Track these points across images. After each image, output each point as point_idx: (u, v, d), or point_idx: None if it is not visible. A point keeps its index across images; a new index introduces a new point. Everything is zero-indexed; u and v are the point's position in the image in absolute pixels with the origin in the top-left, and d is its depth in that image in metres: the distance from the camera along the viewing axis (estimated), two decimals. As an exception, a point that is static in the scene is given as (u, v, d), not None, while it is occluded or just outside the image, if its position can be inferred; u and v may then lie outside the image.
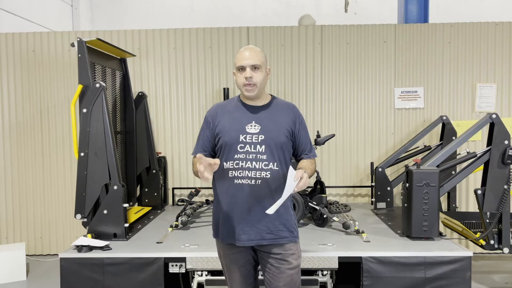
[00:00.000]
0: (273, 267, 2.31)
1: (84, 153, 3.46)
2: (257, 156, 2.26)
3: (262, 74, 2.31)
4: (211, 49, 5.04)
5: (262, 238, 2.29)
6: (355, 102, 5.03)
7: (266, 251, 2.32)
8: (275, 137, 2.29)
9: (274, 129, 2.31)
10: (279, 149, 2.30)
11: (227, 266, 2.44)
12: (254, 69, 2.28)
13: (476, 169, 3.56)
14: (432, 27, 4.97)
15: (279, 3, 7.28)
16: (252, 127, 2.31)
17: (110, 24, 7.17)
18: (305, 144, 2.42)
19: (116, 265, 3.11)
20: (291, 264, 2.30)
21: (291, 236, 2.33)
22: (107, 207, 3.44)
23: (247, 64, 2.27)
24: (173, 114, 5.08)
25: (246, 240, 2.29)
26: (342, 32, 4.99)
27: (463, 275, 3.04)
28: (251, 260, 2.41)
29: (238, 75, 2.31)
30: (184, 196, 5.05)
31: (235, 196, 2.29)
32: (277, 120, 2.34)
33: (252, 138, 2.28)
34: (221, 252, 2.45)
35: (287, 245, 2.32)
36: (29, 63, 5.00)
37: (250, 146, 2.27)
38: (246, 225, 2.28)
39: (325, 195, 3.95)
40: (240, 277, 2.40)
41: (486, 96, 4.94)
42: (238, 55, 2.32)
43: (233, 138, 2.29)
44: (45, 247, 5.07)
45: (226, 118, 2.37)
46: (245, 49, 2.33)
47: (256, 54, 2.30)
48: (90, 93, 3.47)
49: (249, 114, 2.35)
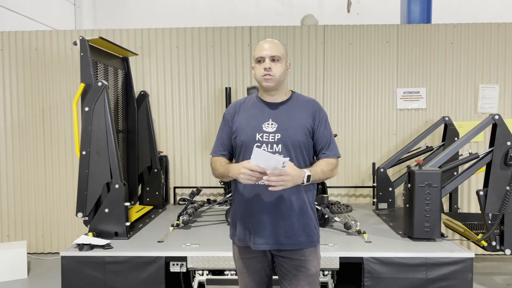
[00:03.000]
0: (291, 273, 2.21)
1: (86, 151, 3.46)
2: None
3: (282, 67, 2.21)
4: (214, 49, 5.04)
5: (279, 243, 2.18)
6: (357, 102, 5.02)
7: (283, 256, 2.22)
8: (292, 136, 2.17)
9: (292, 127, 2.19)
10: (296, 148, 2.19)
11: (240, 270, 2.36)
12: (274, 61, 2.19)
13: (478, 170, 3.55)
14: (435, 27, 4.96)
15: (281, 3, 7.28)
16: (269, 125, 2.21)
17: (112, 23, 7.18)
18: (324, 141, 2.26)
19: (117, 263, 3.11)
20: (310, 271, 2.22)
21: (309, 241, 2.21)
22: (108, 205, 3.44)
23: (266, 55, 2.18)
24: (175, 113, 5.08)
25: (262, 243, 2.19)
26: (344, 32, 4.99)
27: (464, 277, 3.03)
28: (266, 267, 2.30)
29: (257, 67, 2.22)
30: (185, 195, 5.06)
31: (254, 198, 2.19)
32: (295, 118, 2.22)
33: (269, 137, 2.18)
34: (236, 255, 2.37)
35: (306, 251, 2.21)
36: (32, 62, 5.01)
37: (267, 145, 2.17)
38: (263, 229, 2.18)
39: (326, 195, 3.94)
40: (253, 283, 2.31)
41: (488, 97, 4.93)
42: (258, 47, 2.24)
43: (249, 137, 2.20)
44: (46, 245, 5.07)
45: (243, 116, 2.28)
46: (264, 42, 2.24)
47: (276, 46, 2.21)
48: (92, 91, 3.47)
49: (266, 112, 2.24)
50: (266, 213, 2.18)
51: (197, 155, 5.07)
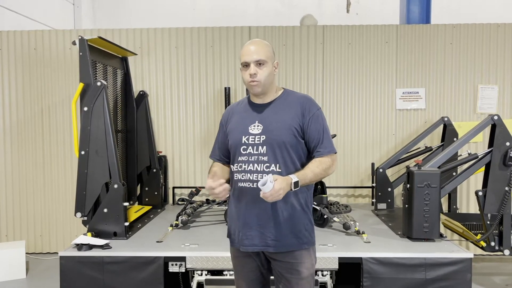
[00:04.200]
0: (283, 277, 2.19)
1: (85, 151, 3.46)
2: (258, 158, 2.14)
3: (267, 70, 2.14)
4: (213, 48, 5.04)
5: (267, 245, 2.16)
6: (357, 103, 5.02)
7: (275, 258, 2.20)
8: (277, 137, 2.13)
9: (277, 128, 2.14)
10: (282, 149, 2.13)
11: (235, 269, 2.37)
12: (259, 65, 2.13)
13: (477, 170, 3.55)
14: (434, 28, 4.96)
15: (281, 3, 7.27)
16: (255, 127, 2.19)
17: (111, 22, 7.17)
18: (316, 138, 2.16)
19: (116, 263, 3.11)
20: (302, 274, 2.17)
21: (299, 243, 2.16)
22: (107, 205, 3.44)
23: (251, 60, 2.12)
24: (174, 113, 5.08)
25: (249, 245, 2.18)
26: (344, 32, 4.99)
27: (463, 277, 3.03)
28: (260, 267, 2.27)
29: (243, 71, 2.17)
30: (184, 195, 5.05)
31: (239, 199, 2.20)
32: (281, 118, 2.17)
33: (255, 139, 2.16)
34: (231, 254, 2.37)
35: (297, 253, 2.17)
36: (31, 61, 5.00)
37: (253, 148, 2.16)
38: (249, 230, 2.17)
39: (325, 196, 3.94)
40: (246, 281, 2.31)
41: (487, 98, 4.93)
42: (243, 49, 2.17)
43: (236, 140, 2.21)
44: (45, 245, 5.07)
45: (234, 120, 2.29)
46: (250, 43, 2.18)
47: (261, 48, 2.14)
48: (91, 91, 3.46)
49: (253, 114, 2.23)
50: (254, 215, 2.17)
51: (196, 155, 5.07)
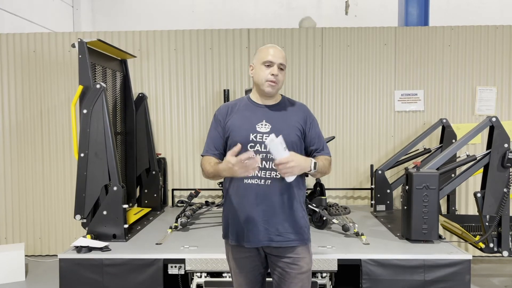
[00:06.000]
0: (284, 271, 2.25)
1: (84, 153, 3.46)
2: (267, 155, 2.20)
3: (284, 75, 2.32)
4: (212, 51, 5.05)
5: (271, 240, 2.23)
6: (355, 105, 5.03)
7: (276, 254, 2.27)
8: (286, 136, 2.17)
9: (285, 128, 2.26)
10: (290, 148, 2.17)
11: (234, 270, 2.38)
12: (280, 69, 2.28)
13: (475, 172, 3.56)
14: (433, 30, 4.98)
15: (280, 5, 7.30)
16: (263, 126, 2.27)
17: (111, 25, 7.19)
18: (318, 143, 2.35)
19: (115, 266, 3.11)
20: (302, 268, 2.25)
21: (300, 239, 2.27)
22: (106, 208, 3.44)
23: (276, 61, 2.25)
24: (173, 115, 5.08)
25: (254, 241, 2.24)
26: (342, 34, 5.00)
27: (462, 278, 3.03)
28: (259, 266, 2.34)
29: (263, 69, 2.26)
30: (183, 197, 5.05)
31: (245, 196, 2.24)
32: (288, 119, 2.31)
33: (263, 137, 2.22)
34: (229, 255, 2.39)
35: (298, 248, 2.26)
36: (30, 64, 5.00)
37: (261, 146, 2.23)
38: (254, 226, 2.23)
39: (324, 197, 3.95)
40: (246, 282, 2.35)
41: (486, 99, 4.95)
42: (266, 50, 2.28)
43: (243, 138, 2.24)
44: (44, 247, 5.06)
45: (237, 117, 2.32)
46: (273, 47, 2.30)
47: (283, 55, 2.30)
48: (90, 94, 3.47)
49: (259, 113, 2.31)
50: (257, 211, 2.23)
51: (195, 157, 5.07)
